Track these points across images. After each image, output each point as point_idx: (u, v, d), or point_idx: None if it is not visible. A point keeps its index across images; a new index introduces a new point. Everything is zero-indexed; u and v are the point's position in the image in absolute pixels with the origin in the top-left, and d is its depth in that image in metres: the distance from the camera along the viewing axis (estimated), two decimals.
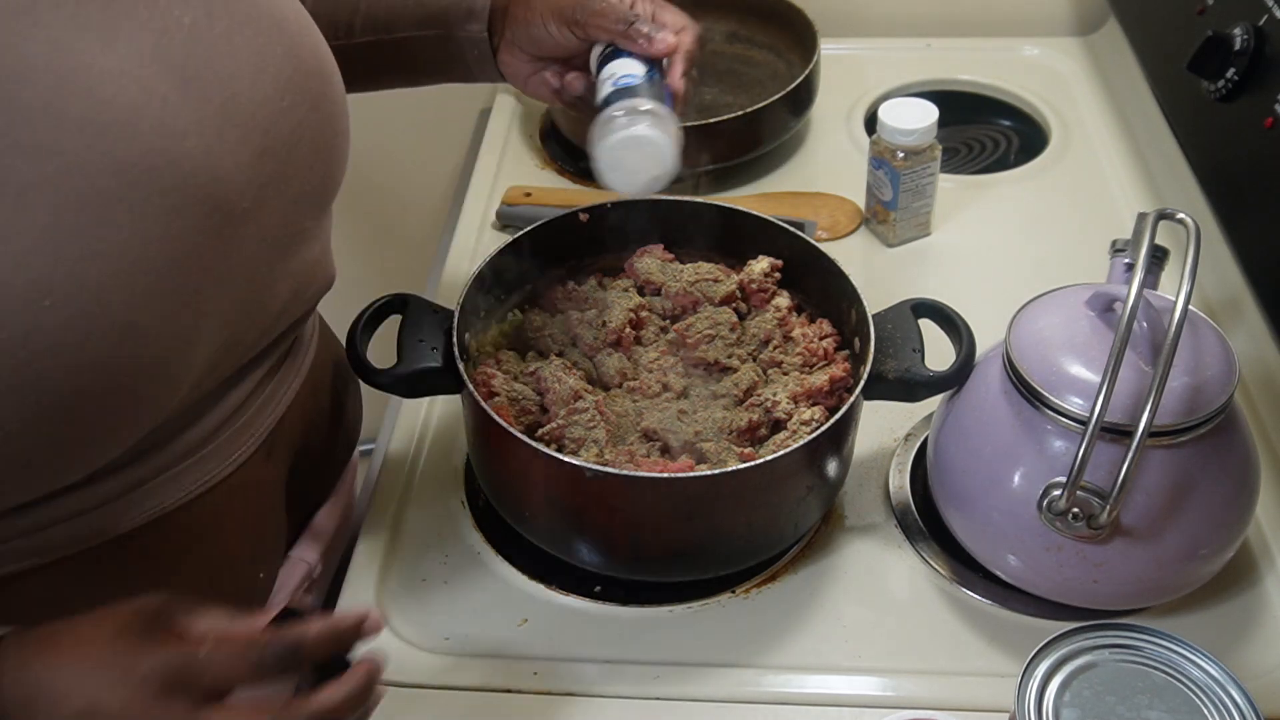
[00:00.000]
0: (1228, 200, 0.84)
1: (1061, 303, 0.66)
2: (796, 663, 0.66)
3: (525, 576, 0.71)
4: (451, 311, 0.69)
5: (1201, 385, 0.60)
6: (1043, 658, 0.55)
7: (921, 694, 0.65)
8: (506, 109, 1.16)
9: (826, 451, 0.66)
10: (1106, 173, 1.03)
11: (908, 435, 0.79)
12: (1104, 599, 0.65)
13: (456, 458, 0.80)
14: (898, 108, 0.91)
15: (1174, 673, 0.54)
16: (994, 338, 0.69)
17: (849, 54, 1.19)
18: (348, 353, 0.67)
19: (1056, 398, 0.61)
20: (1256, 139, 0.79)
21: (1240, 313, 0.84)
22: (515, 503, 0.69)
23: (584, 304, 0.76)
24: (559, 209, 0.77)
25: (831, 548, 0.73)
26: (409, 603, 0.70)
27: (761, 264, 0.77)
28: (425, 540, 0.74)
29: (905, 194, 0.93)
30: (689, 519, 0.64)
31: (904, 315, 0.71)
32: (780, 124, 1.04)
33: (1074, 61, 1.17)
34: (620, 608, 0.69)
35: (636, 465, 0.66)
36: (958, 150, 1.10)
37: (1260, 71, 0.80)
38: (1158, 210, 0.62)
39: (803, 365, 0.73)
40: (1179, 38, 0.92)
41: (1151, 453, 0.60)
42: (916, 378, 0.68)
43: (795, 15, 1.10)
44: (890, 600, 0.70)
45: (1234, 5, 0.85)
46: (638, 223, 0.79)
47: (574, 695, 0.65)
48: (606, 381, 0.73)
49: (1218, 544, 0.63)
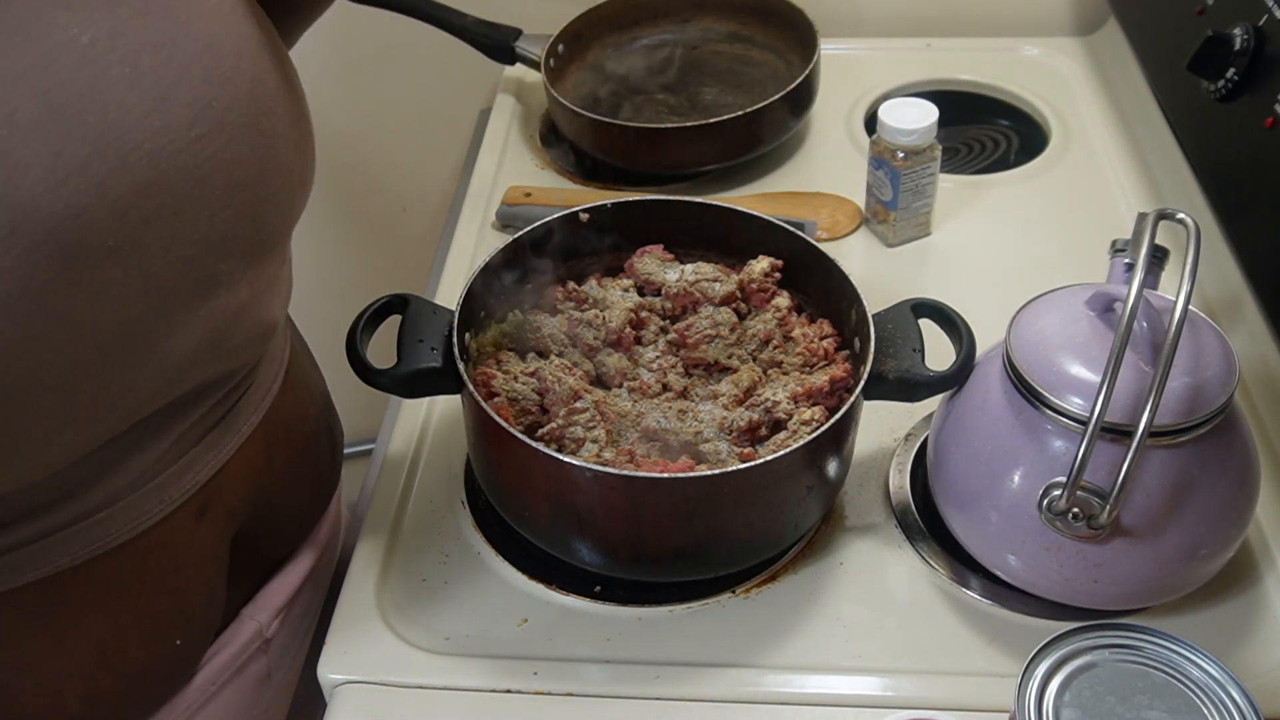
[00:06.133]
0: (1228, 200, 0.84)
1: (1061, 303, 0.66)
2: (796, 663, 0.66)
3: (525, 576, 0.71)
4: (451, 311, 0.69)
5: (1201, 385, 0.60)
6: (1043, 658, 0.55)
7: (921, 694, 0.65)
8: (506, 109, 1.16)
9: (826, 451, 0.66)
10: (1106, 173, 1.03)
11: (908, 435, 0.79)
12: (1104, 599, 0.65)
13: (456, 458, 0.80)
14: (898, 108, 0.91)
15: (1174, 673, 0.54)
16: (994, 338, 0.69)
17: (849, 54, 1.19)
18: (348, 353, 0.67)
19: (1056, 398, 0.61)
20: (1256, 139, 0.79)
21: (1240, 313, 0.84)
22: (515, 503, 0.69)
23: (584, 304, 0.76)
24: (559, 209, 0.77)
25: (831, 548, 0.73)
26: (409, 603, 0.70)
27: (761, 264, 0.77)
28: (425, 540, 0.74)
29: (905, 194, 0.93)
30: (689, 519, 0.64)
31: (904, 315, 0.71)
32: (780, 124, 1.04)
33: (1074, 61, 1.17)
34: (620, 608, 0.69)
35: (636, 465, 0.66)
36: (958, 150, 1.10)
37: (1260, 71, 0.80)
38: (1158, 210, 0.62)
39: (803, 365, 0.73)
40: (1179, 38, 0.92)
41: (1151, 453, 0.60)
42: (916, 378, 0.68)
43: (795, 15, 1.10)
44: (890, 600, 0.70)
45: (1234, 5, 0.85)
46: (638, 223, 0.79)
47: (574, 695, 0.65)
48: (606, 381, 0.73)
49: (1218, 544, 0.63)
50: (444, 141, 1.31)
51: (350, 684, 0.66)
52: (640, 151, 1.01)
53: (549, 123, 1.13)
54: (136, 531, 0.57)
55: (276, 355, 0.67)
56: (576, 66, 1.14)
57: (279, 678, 0.74)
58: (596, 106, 1.09)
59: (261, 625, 0.70)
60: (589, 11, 1.13)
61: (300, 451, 0.71)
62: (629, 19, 1.16)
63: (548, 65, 1.07)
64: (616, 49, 1.16)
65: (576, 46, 1.13)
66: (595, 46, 1.15)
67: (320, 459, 0.75)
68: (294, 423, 0.69)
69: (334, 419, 0.78)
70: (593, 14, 1.14)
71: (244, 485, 0.64)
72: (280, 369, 0.67)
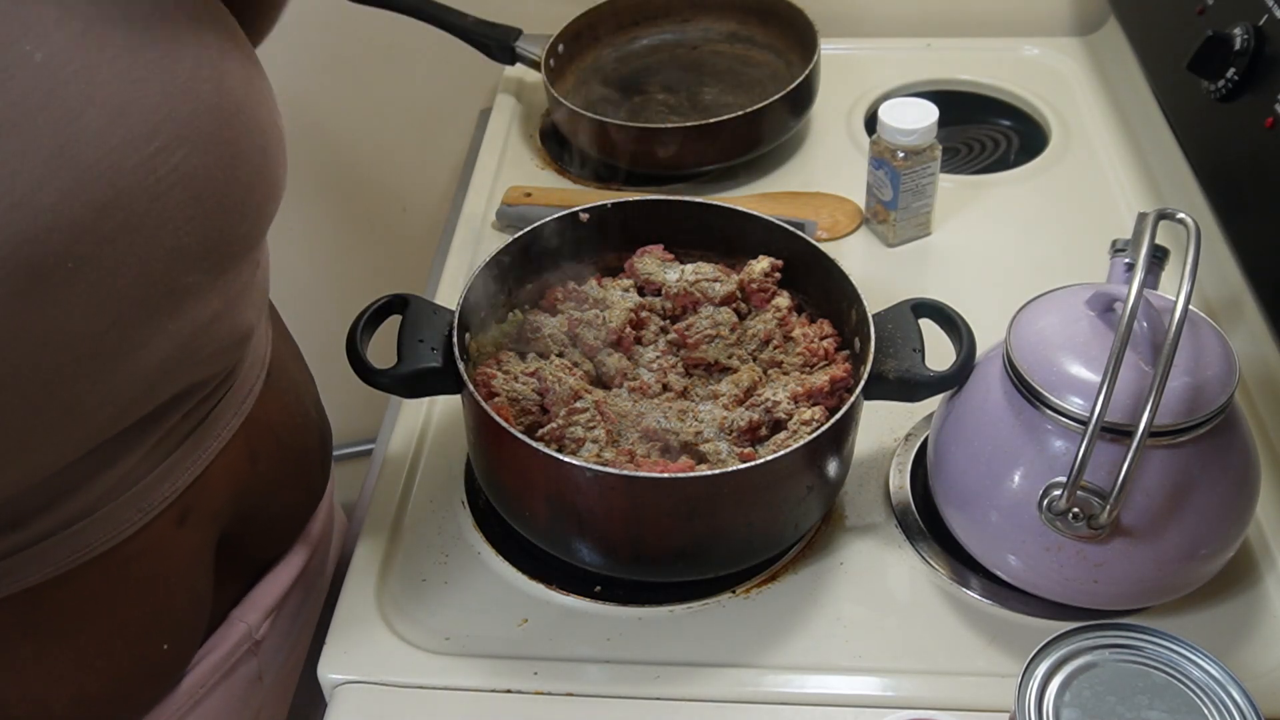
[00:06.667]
0: (1228, 200, 0.84)
1: (1061, 303, 0.66)
2: (796, 663, 0.66)
3: (525, 576, 0.71)
4: (451, 311, 0.69)
5: (1201, 385, 0.60)
6: (1043, 658, 0.55)
7: (921, 694, 0.65)
8: (506, 109, 1.16)
9: (826, 451, 0.66)
10: (1106, 173, 1.03)
11: (908, 435, 0.79)
12: (1104, 599, 0.65)
13: (456, 458, 0.80)
14: (898, 108, 0.91)
15: (1174, 673, 0.54)
16: (994, 338, 0.69)
17: (849, 54, 1.19)
18: (348, 353, 0.67)
19: (1056, 398, 0.61)
20: (1256, 139, 0.79)
21: (1240, 313, 0.84)
22: (515, 503, 0.69)
23: (584, 304, 0.76)
24: (559, 209, 0.77)
25: (831, 548, 0.73)
26: (409, 603, 0.70)
27: (761, 264, 0.77)
28: (425, 540, 0.74)
29: (905, 194, 0.93)
30: (689, 519, 0.64)
31: (904, 315, 0.71)
32: (780, 124, 1.04)
33: (1074, 61, 1.17)
34: (620, 608, 0.69)
35: (636, 465, 0.66)
36: (958, 150, 1.10)
37: (1260, 71, 0.80)
38: (1158, 210, 0.62)
39: (803, 365, 0.73)
40: (1179, 38, 0.92)
41: (1151, 453, 0.60)
42: (917, 378, 0.68)
43: (795, 15, 1.10)
44: (890, 600, 0.70)
45: (1234, 5, 0.85)
46: (638, 223, 0.79)
47: (574, 695, 0.65)
48: (606, 381, 0.73)
49: (1218, 544, 0.63)
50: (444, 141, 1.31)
51: (350, 684, 0.66)
52: (640, 151, 1.01)
53: (549, 123, 1.13)
54: (118, 540, 0.56)
55: (257, 358, 0.66)
56: (576, 66, 1.14)
57: (270, 679, 0.74)
58: (596, 106, 1.09)
59: (251, 627, 0.70)
60: (589, 11, 1.14)
61: (286, 452, 0.70)
62: (629, 19, 1.16)
63: (548, 65, 1.07)
64: (616, 49, 1.16)
65: (576, 46, 1.13)
66: (595, 46, 1.15)
67: (308, 459, 0.74)
68: (278, 424, 0.68)
69: (323, 418, 0.77)
70: (593, 14, 1.14)
71: (227, 489, 0.64)
72: (261, 370, 0.66)
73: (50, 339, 0.46)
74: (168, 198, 0.49)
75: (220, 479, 0.63)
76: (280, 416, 0.69)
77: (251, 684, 0.72)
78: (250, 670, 0.71)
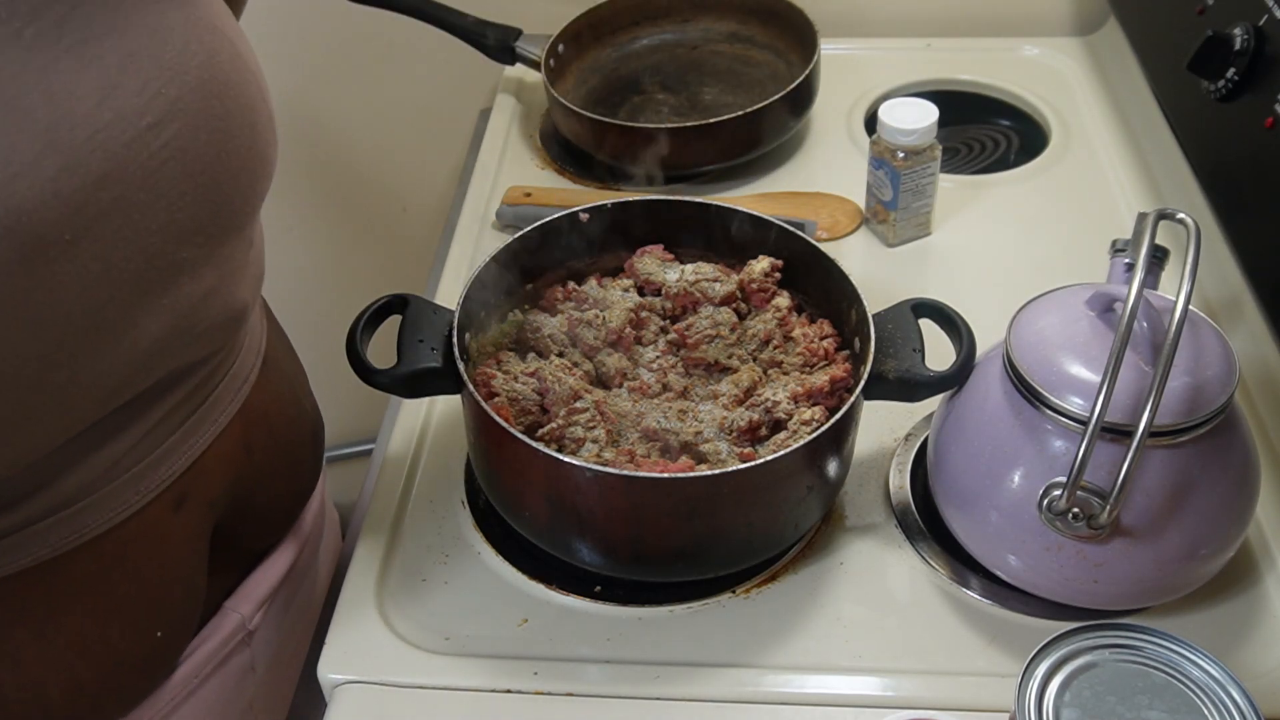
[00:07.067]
0: (1228, 200, 0.84)
1: (1061, 303, 0.66)
2: (796, 663, 0.66)
3: (525, 576, 0.71)
4: (451, 311, 0.69)
5: (1201, 385, 0.60)
6: (1043, 658, 0.55)
7: (921, 694, 0.65)
8: (506, 109, 1.16)
9: (826, 451, 0.66)
10: (1106, 173, 1.03)
11: (908, 435, 0.79)
12: (1104, 599, 0.65)
13: (456, 458, 0.80)
14: (898, 108, 0.91)
15: (1174, 673, 0.54)
16: (994, 338, 0.69)
17: (849, 54, 1.19)
18: (348, 353, 0.67)
19: (1056, 398, 0.61)
20: (1256, 139, 0.79)
21: (1240, 313, 0.84)
22: (515, 503, 0.69)
23: (584, 304, 0.76)
24: (559, 209, 0.77)
25: (831, 548, 0.73)
26: (409, 603, 0.70)
27: (761, 264, 0.77)
28: (425, 540, 0.74)
29: (905, 194, 0.93)
30: (689, 519, 0.64)
31: (904, 315, 0.71)
32: (780, 124, 1.04)
33: (1074, 61, 1.17)
34: (620, 608, 0.69)
35: (636, 465, 0.66)
36: (958, 150, 1.10)
37: (1260, 71, 0.80)
38: (1158, 210, 0.62)
39: (803, 365, 0.73)
40: (1179, 38, 0.92)
41: (1151, 453, 0.60)
42: (917, 378, 0.68)
43: (795, 15, 1.10)
44: (890, 600, 0.70)
45: (1234, 5, 0.85)
46: (638, 223, 0.79)
47: (574, 695, 0.65)
48: (606, 381, 0.73)
49: (1218, 544, 0.63)
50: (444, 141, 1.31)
51: (350, 684, 0.66)
52: (640, 151, 1.01)
53: (549, 123, 1.13)
54: (114, 522, 0.57)
55: (253, 344, 0.67)
56: (576, 66, 1.14)
57: (262, 670, 0.74)
58: (596, 106, 1.09)
59: (244, 617, 0.70)
60: (589, 11, 1.14)
61: (280, 443, 0.70)
62: (629, 19, 1.16)
63: (548, 65, 1.07)
64: (616, 49, 1.16)
65: (576, 46, 1.13)
66: (595, 46, 1.15)
67: (301, 451, 0.74)
68: (273, 414, 0.69)
69: (316, 413, 0.78)
70: (593, 14, 1.14)
71: (223, 476, 0.64)
72: (257, 358, 0.67)
73: (47, 315, 0.47)
74: (161, 173, 0.50)
75: (216, 466, 0.63)
76: (275, 407, 0.69)
77: (244, 674, 0.72)
78: (244, 661, 0.71)
